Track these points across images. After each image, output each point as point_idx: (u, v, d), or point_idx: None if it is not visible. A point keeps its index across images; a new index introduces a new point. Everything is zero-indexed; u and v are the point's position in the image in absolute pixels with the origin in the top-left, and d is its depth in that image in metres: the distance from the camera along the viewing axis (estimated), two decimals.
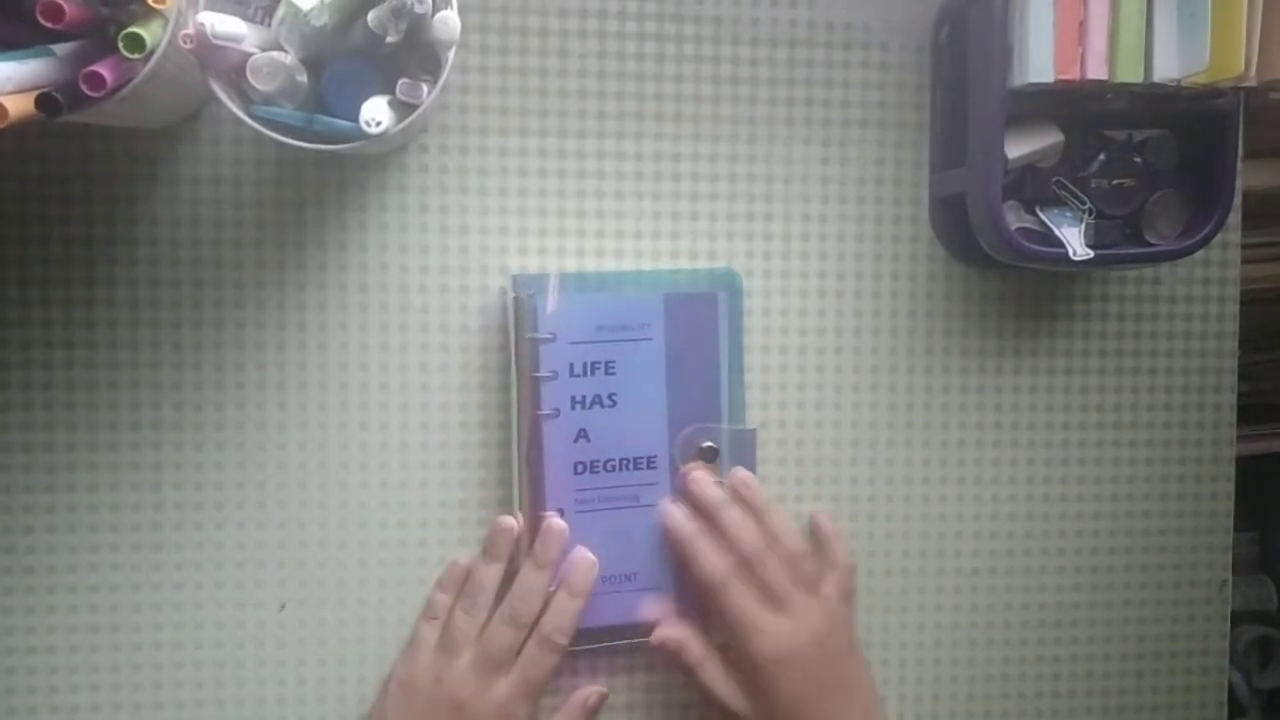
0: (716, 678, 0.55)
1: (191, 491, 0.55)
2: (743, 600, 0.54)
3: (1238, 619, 0.87)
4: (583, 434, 0.56)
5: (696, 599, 0.56)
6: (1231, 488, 0.64)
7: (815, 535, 0.59)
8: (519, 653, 0.54)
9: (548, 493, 0.55)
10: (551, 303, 0.55)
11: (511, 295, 0.55)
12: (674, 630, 0.56)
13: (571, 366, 0.55)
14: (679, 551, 0.56)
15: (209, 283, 0.55)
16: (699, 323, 0.57)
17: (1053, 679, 0.62)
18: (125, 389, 0.54)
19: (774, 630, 0.53)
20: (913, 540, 0.61)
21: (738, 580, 0.54)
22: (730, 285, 0.58)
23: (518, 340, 0.55)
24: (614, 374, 0.56)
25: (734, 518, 0.55)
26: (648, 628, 0.57)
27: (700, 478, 0.56)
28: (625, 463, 0.56)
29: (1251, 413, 0.76)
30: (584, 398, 0.56)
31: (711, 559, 0.54)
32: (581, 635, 0.56)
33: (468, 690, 0.53)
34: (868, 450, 0.60)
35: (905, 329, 0.60)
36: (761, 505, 0.56)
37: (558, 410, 0.55)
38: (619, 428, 0.56)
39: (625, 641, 0.57)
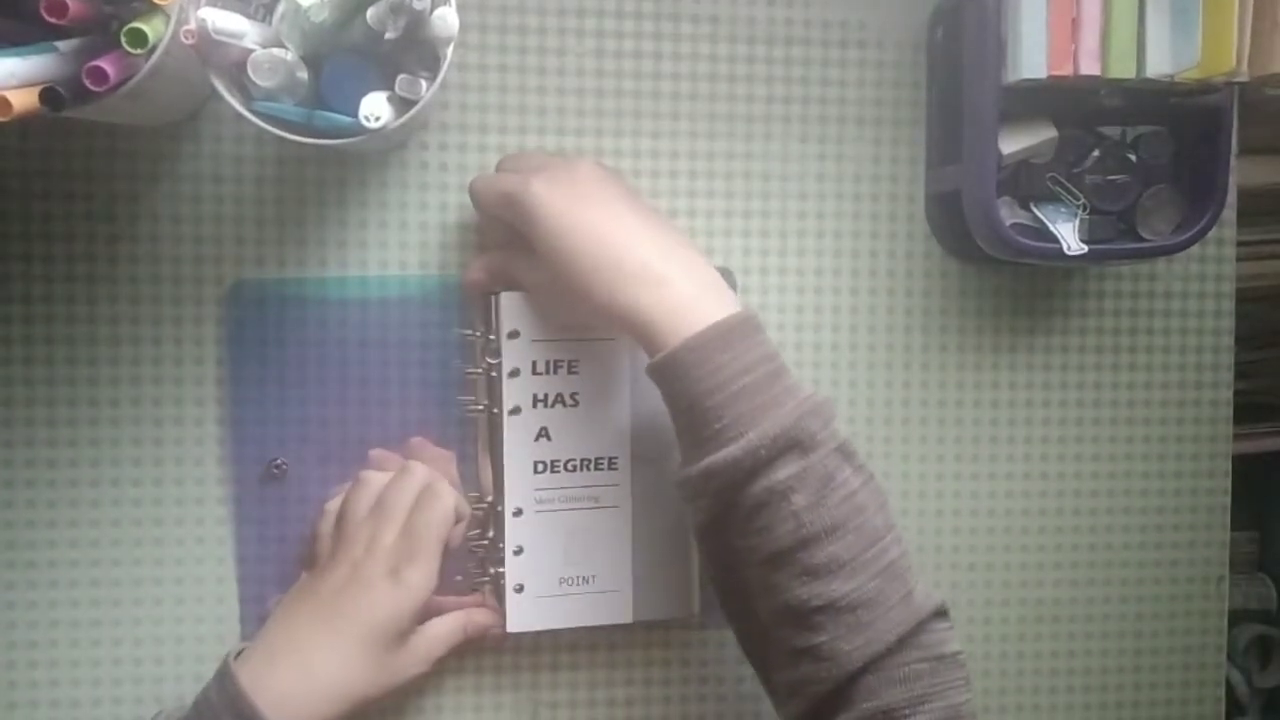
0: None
1: (193, 488, 0.55)
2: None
3: (1237, 618, 0.87)
4: (544, 432, 0.55)
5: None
6: (1228, 483, 0.64)
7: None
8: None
9: (507, 490, 0.55)
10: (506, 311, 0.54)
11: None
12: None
13: (534, 364, 0.55)
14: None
15: (210, 279, 0.55)
16: None
17: (1050, 676, 0.62)
18: (126, 386, 0.55)
19: None
20: (908, 535, 0.60)
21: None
22: None
23: (482, 337, 0.55)
24: (577, 373, 0.55)
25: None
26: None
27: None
28: (586, 463, 0.55)
29: (1250, 411, 0.76)
30: (546, 396, 0.55)
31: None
32: (538, 637, 0.56)
33: (360, 548, 0.52)
34: (863, 445, 0.60)
35: (901, 325, 0.61)
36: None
37: (519, 407, 0.55)
38: (580, 427, 0.55)
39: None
